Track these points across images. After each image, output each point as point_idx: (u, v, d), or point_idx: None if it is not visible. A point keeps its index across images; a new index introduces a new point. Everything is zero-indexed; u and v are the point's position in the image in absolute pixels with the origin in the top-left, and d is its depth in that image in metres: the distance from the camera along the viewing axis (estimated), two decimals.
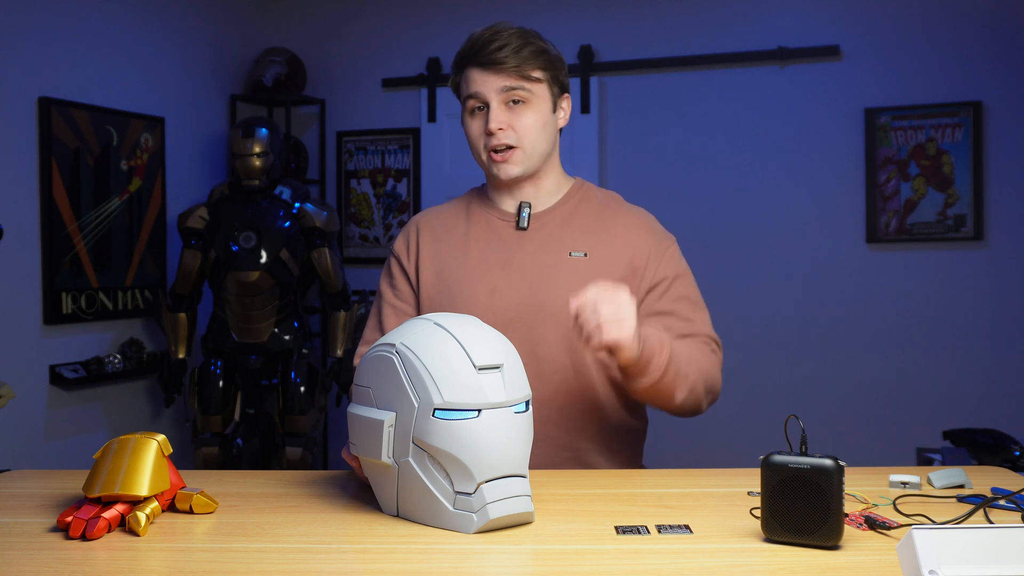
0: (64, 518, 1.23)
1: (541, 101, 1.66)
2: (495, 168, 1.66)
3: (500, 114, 1.63)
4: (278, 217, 3.70)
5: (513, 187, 1.71)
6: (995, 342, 3.81)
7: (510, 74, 1.62)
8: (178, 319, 3.79)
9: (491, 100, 1.63)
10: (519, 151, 1.65)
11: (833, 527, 1.12)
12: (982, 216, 3.80)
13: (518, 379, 1.27)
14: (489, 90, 1.63)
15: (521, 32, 1.65)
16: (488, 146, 1.65)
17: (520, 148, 1.65)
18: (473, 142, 1.68)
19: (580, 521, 1.28)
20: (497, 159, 1.65)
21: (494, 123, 1.62)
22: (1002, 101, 3.79)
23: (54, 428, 3.51)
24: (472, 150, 1.70)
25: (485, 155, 1.67)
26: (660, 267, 1.68)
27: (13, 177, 3.36)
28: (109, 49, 3.75)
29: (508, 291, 1.66)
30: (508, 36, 1.63)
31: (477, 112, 1.66)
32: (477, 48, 1.64)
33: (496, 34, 1.63)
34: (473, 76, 1.65)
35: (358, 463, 1.40)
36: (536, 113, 1.65)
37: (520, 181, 1.69)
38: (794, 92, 4.00)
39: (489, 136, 1.64)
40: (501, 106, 1.64)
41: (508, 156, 1.65)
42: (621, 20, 4.21)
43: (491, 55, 1.62)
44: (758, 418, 3.97)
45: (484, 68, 1.63)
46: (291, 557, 1.14)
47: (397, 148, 4.56)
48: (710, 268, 4.02)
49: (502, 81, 1.62)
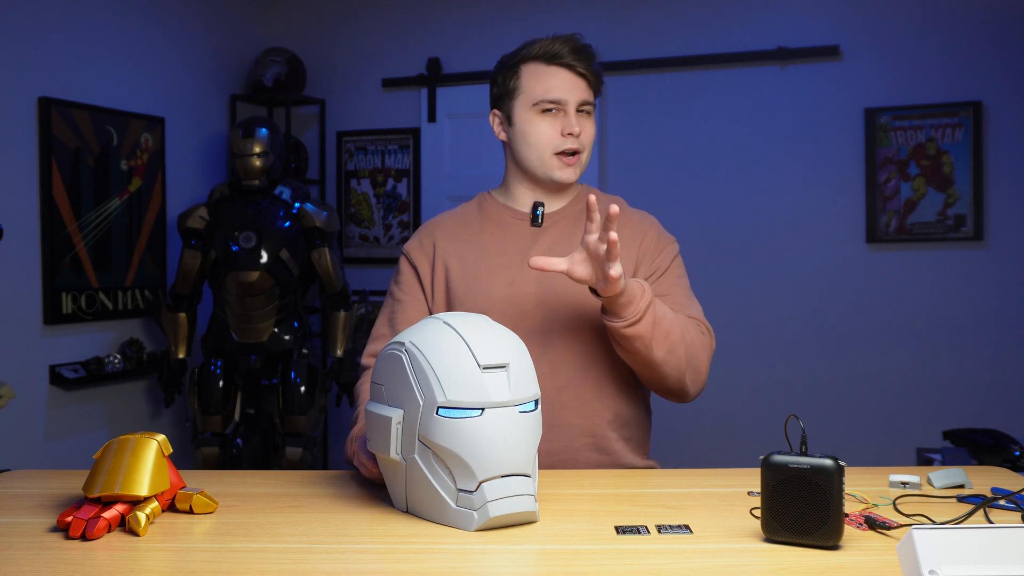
0: (64, 518, 1.23)
1: (593, 116, 1.76)
2: (560, 171, 1.73)
3: (575, 120, 1.71)
4: (278, 217, 3.70)
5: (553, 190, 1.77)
6: (995, 342, 3.81)
7: (591, 87, 1.73)
8: (178, 319, 3.79)
9: (571, 106, 1.71)
10: (582, 157, 1.74)
11: (833, 527, 1.12)
12: (982, 216, 3.80)
13: (525, 378, 1.28)
14: (572, 96, 1.71)
15: (592, 48, 1.74)
16: (561, 148, 1.71)
17: (582, 155, 1.74)
18: (539, 140, 1.72)
19: (580, 521, 1.28)
20: (568, 162, 1.72)
21: (578, 128, 1.70)
22: (1002, 101, 3.79)
23: (54, 428, 3.51)
24: (529, 149, 1.73)
25: (550, 156, 1.72)
26: (658, 259, 1.75)
27: (13, 177, 3.36)
28: (109, 49, 3.75)
29: (526, 283, 1.71)
30: (589, 49, 1.72)
31: (546, 113, 1.72)
32: (566, 50, 1.70)
33: (585, 44, 1.72)
34: (554, 76, 1.71)
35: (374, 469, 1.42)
36: (593, 126, 1.76)
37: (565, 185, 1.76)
38: (794, 92, 4.01)
39: (566, 138, 1.71)
40: (576, 113, 1.72)
41: (574, 161, 1.73)
42: (621, 20, 4.21)
43: (583, 64, 1.70)
44: (758, 418, 3.97)
45: (571, 71, 1.70)
46: (291, 557, 1.14)
47: (397, 148, 4.56)
48: (710, 268, 4.03)
49: (585, 92, 1.72)
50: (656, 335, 1.56)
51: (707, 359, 1.68)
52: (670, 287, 1.73)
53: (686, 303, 1.72)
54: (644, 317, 1.53)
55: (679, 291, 1.73)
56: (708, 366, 1.68)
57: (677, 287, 1.74)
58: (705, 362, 1.67)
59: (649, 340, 1.55)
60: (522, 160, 1.75)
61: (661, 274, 1.74)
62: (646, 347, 1.56)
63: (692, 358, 1.63)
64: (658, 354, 1.57)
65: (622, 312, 1.53)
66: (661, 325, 1.56)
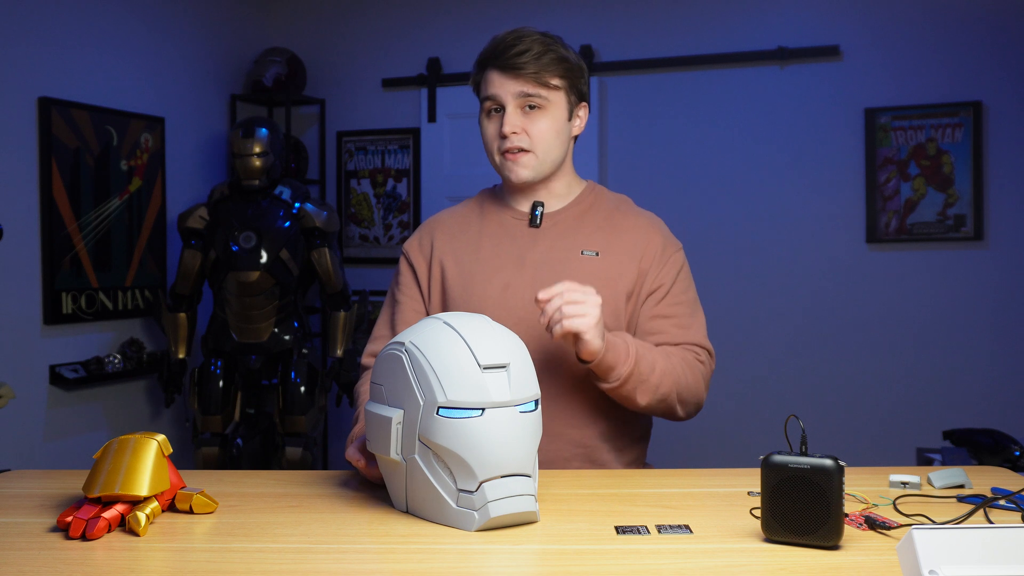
0: (64, 518, 1.23)
1: (557, 108, 1.68)
2: (506, 169, 1.70)
3: (515, 118, 1.66)
4: (278, 217, 3.70)
5: (526, 189, 1.74)
6: (995, 342, 3.81)
7: (528, 80, 1.65)
8: (178, 319, 3.79)
9: (507, 104, 1.66)
10: (531, 155, 1.68)
11: (833, 527, 1.12)
12: (982, 216, 3.80)
13: (526, 379, 1.27)
14: (506, 94, 1.66)
15: (543, 38, 1.67)
16: (501, 148, 1.68)
17: (532, 153, 1.68)
18: (487, 143, 1.71)
19: (580, 521, 1.28)
20: (509, 159, 1.68)
21: (508, 127, 1.66)
22: (1002, 101, 3.79)
23: (54, 428, 3.51)
24: (486, 150, 1.73)
25: (498, 156, 1.70)
26: (663, 272, 1.71)
27: (13, 177, 3.36)
28: (109, 49, 3.75)
29: (521, 287, 1.68)
30: (530, 42, 1.65)
31: (493, 114, 1.70)
32: (499, 51, 1.66)
33: (519, 39, 1.65)
34: (492, 78, 1.68)
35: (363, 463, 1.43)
36: (551, 120, 1.68)
37: (533, 184, 1.72)
38: (794, 92, 4.00)
39: (502, 139, 1.67)
40: (517, 110, 1.67)
41: (519, 158, 1.68)
42: (621, 20, 4.21)
43: (511, 59, 1.64)
44: (758, 418, 3.97)
45: (503, 72, 1.66)
46: (291, 557, 1.14)
47: (397, 148, 4.56)
48: (710, 268, 4.02)
49: (520, 86, 1.65)
50: (641, 390, 1.58)
51: (704, 388, 1.70)
52: (673, 307, 1.71)
53: (687, 324, 1.71)
54: (627, 383, 1.56)
55: (682, 310, 1.72)
56: (706, 391, 1.71)
57: (681, 306, 1.72)
58: (702, 392, 1.69)
59: (633, 396, 1.58)
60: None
61: (665, 294, 1.71)
62: (631, 402, 1.60)
63: (685, 396, 1.65)
64: (644, 402, 1.60)
65: (605, 376, 1.55)
66: (648, 382, 1.58)
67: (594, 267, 1.68)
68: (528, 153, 1.67)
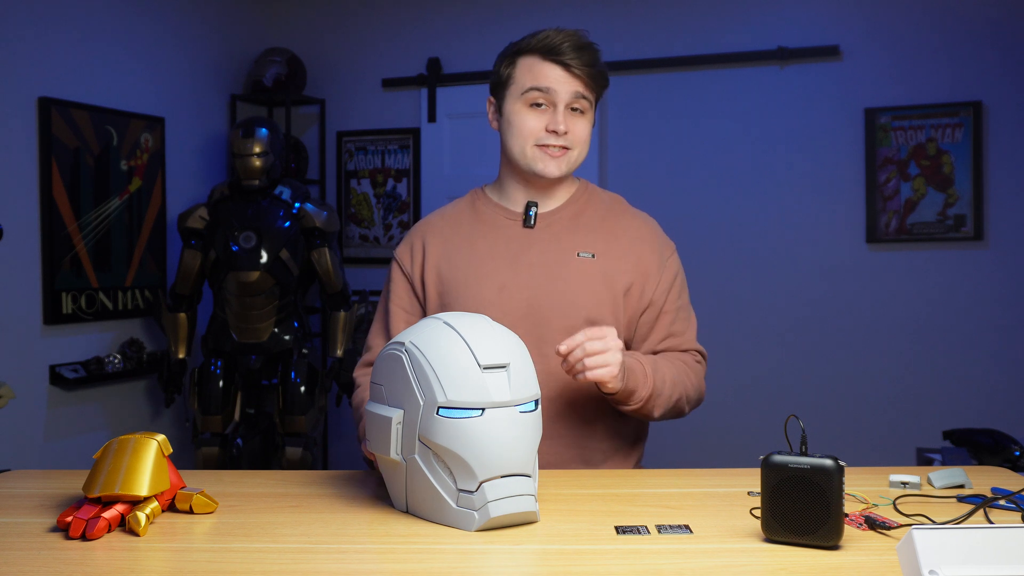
0: (64, 518, 1.23)
1: (591, 115, 1.71)
2: (542, 162, 1.67)
3: (565, 116, 1.67)
4: (278, 217, 3.70)
5: (543, 187, 1.73)
6: (995, 342, 3.81)
7: (585, 83, 1.67)
8: (178, 319, 3.79)
9: (560, 101, 1.66)
10: (571, 154, 1.69)
11: (833, 527, 1.12)
12: (982, 216, 3.80)
13: (526, 378, 1.27)
14: (562, 90, 1.66)
15: (596, 47, 1.70)
16: (544, 142, 1.66)
17: (571, 152, 1.69)
18: (522, 133, 1.68)
19: (580, 521, 1.28)
20: (552, 154, 1.67)
21: (562, 124, 1.65)
22: (1002, 101, 3.79)
23: (54, 428, 3.51)
24: (513, 139, 1.69)
25: (532, 148, 1.67)
26: (662, 279, 1.72)
27: (13, 177, 3.36)
28: (109, 49, 3.75)
29: (516, 288, 1.67)
30: (591, 48, 1.68)
31: (536, 107, 1.67)
32: (561, 46, 1.65)
33: (583, 40, 1.68)
34: (546, 71, 1.66)
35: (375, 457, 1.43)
36: (589, 124, 1.71)
37: (553, 182, 1.72)
38: (794, 92, 4.00)
39: (551, 134, 1.66)
40: (566, 109, 1.67)
41: (560, 155, 1.68)
42: (621, 20, 4.21)
43: (575, 58, 1.65)
44: (758, 418, 3.97)
45: (565, 68, 1.66)
46: (291, 557, 1.14)
47: (397, 148, 4.56)
48: (709, 268, 4.02)
49: (577, 86, 1.66)
50: (658, 405, 1.62)
51: (704, 384, 1.75)
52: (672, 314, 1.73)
53: (684, 329, 1.74)
54: (647, 402, 1.60)
55: (681, 315, 1.74)
56: (705, 387, 1.76)
57: (680, 311, 1.74)
58: (703, 389, 1.75)
59: (651, 412, 1.63)
60: (508, 150, 1.71)
61: (664, 300, 1.71)
62: (648, 416, 1.65)
63: (692, 397, 1.71)
64: (659, 414, 1.65)
65: (626, 400, 1.58)
66: (663, 395, 1.62)
67: (590, 269, 1.68)
68: (568, 151, 1.68)
